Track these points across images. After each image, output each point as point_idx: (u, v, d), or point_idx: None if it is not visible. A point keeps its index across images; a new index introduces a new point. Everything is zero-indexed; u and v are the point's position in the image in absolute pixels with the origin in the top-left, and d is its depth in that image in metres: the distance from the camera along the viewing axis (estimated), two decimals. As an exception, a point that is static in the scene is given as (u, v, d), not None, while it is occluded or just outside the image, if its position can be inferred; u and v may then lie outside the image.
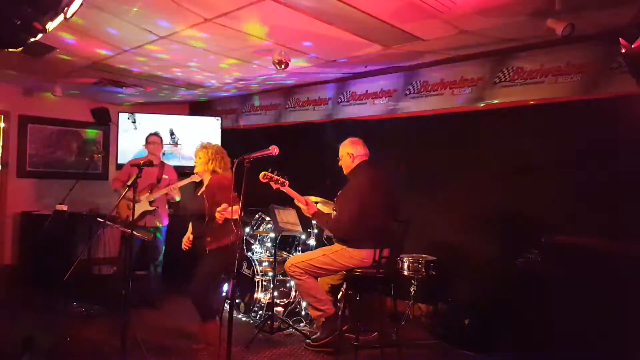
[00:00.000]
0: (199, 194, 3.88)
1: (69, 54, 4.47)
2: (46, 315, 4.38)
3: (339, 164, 3.91)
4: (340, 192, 3.84)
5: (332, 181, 4.80)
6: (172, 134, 6.46)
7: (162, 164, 5.06)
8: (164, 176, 4.94)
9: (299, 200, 3.89)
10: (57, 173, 6.52)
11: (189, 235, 4.02)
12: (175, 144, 6.46)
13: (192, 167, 4.01)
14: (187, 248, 4.00)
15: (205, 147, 3.85)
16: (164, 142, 5.26)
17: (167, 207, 5.08)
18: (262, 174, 3.77)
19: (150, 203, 4.76)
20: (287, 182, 3.82)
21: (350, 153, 3.83)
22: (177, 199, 4.83)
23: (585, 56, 3.85)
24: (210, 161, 3.79)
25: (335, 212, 3.83)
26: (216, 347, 3.35)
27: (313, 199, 4.10)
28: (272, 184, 3.81)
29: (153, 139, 5.03)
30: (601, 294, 3.09)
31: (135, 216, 4.53)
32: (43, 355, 3.43)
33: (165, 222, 4.99)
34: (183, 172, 5.22)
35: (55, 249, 5.40)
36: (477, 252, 4.38)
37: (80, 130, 6.84)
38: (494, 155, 4.37)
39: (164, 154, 5.44)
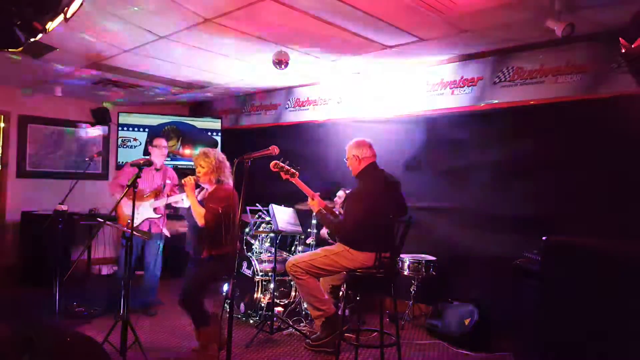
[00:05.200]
0: (198, 199, 3.65)
1: (68, 53, 4.47)
2: (46, 315, 4.37)
3: (347, 165, 3.82)
4: (349, 193, 3.81)
5: (335, 182, 4.81)
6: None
7: (165, 168, 4.83)
8: (167, 181, 4.72)
9: (308, 193, 3.79)
10: (57, 173, 6.52)
11: None
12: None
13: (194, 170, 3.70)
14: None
15: (207, 154, 3.60)
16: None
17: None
18: (273, 162, 3.68)
19: (154, 210, 4.56)
20: (297, 173, 3.75)
21: (356, 155, 3.71)
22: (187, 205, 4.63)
23: (585, 56, 3.85)
24: (215, 170, 3.57)
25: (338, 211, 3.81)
26: (215, 349, 3.34)
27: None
28: (282, 174, 3.74)
29: (160, 142, 4.77)
30: (601, 295, 3.08)
31: (137, 222, 4.40)
32: (43, 355, 3.42)
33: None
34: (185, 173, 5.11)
35: (55, 249, 5.39)
36: (477, 252, 4.38)
37: (79, 130, 6.84)
38: (494, 155, 4.37)
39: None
